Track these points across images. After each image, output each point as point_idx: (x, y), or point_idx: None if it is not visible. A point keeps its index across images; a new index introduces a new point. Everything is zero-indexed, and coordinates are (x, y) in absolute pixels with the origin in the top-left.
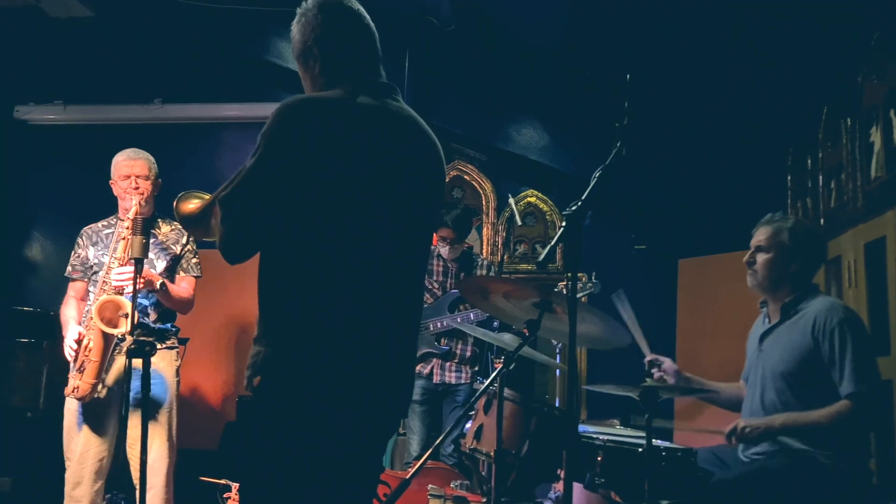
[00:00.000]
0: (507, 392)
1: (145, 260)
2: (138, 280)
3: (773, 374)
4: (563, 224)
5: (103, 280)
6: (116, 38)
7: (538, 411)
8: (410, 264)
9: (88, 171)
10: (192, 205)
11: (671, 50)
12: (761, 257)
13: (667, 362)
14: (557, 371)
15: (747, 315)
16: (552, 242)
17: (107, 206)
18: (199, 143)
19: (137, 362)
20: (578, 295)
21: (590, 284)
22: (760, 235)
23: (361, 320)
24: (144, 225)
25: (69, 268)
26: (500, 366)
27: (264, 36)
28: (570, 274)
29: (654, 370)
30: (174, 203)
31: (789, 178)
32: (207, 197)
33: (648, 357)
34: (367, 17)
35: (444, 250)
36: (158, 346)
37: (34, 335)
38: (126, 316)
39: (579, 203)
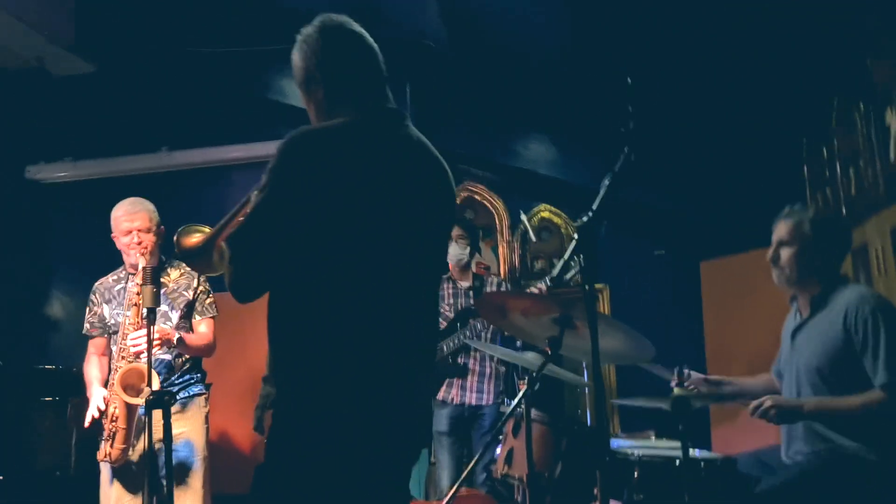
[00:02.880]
0: (534, 413)
1: (160, 314)
2: (154, 339)
3: (808, 369)
4: (576, 236)
5: (121, 346)
6: (119, 90)
7: (568, 431)
8: (424, 295)
9: (102, 225)
10: (193, 239)
11: (675, 48)
12: (785, 252)
13: (693, 375)
14: (585, 388)
15: (775, 313)
16: (565, 256)
17: (121, 258)
18: (207, 187)
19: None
20: (568, 276)
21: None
22: (781, 230)
23: (374, 353)
24: (154, 274)
25: (86, 325)
26: (525, 387)
27: (264, 75)
28: (587, 287)
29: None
30: (175, 237)
31: (806, 169)
32: (208, 230)
33: (674, 381)
34: (370, 38)
35: (454, 256)
36: (182, 396)
37: (59, 393)
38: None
39: (591, 213)
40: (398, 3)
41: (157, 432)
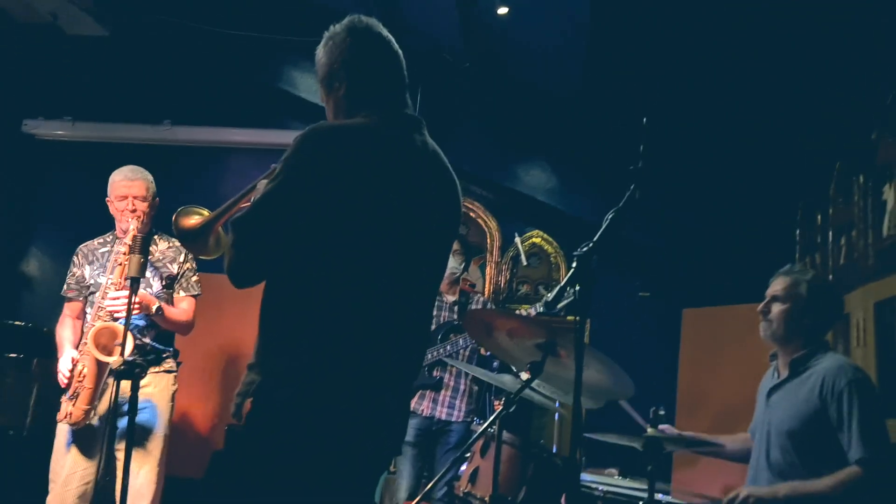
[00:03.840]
0: (505, 435)
1: (141, 282)
2: (133, 302)
3: (779, 431)
4: (574, 265)
5: (98, 305)
6: (129, 58)
7: (537, 457)
8: (420, 303)
9: (92, 189)
10: (192, 220)
11: (686, 96)
12: (777, 307)
13: (666, 427)
14: (556, 415)
15: (751, 369)
16: (562, 283)
17: (109, 224)
18: (205, 167)
19: (127, 388)
20: (560, 305)
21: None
22: (777, 285)
23: (365, 357)
24: (143, 244)
25: (65, 286)
26: (500, 408)
27: (277, 64)
28: (577, 318)
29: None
30: (173, 217)
31: (798, 232)
32: (206, 213)
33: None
34: (395, 44)
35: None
36: (154, 370)
37: (24, 351)
38: (121, 346)
39: (591, 244)
40: (421, 13)
41: (123, 394)
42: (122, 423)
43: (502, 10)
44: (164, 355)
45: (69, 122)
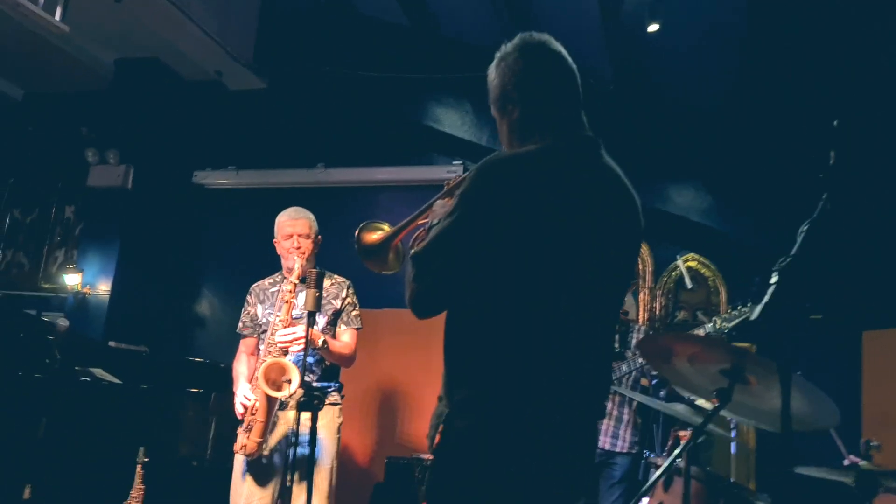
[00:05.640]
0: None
1: (306, 316)
2: (297, 341)
3: None
4: (775, 280)
5: (269, 341)
6: (285, 107)
7: (726, 492)
8: (603, 329)
9: (255, 232)
10: (374, 236)
11: (850, 102)
12: None
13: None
14: (732, 445)
15: None
16: (766, 299)
17: (270, 265)
18: (357, 205)
19: (299, 420)
20: (731, 323)
21: (745, 308)
22: None
23: (549, 386)
24: (317, 279)
25: (240, 324)
26: (687, 438)
27: (421, 102)
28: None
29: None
30: (356, 233)
31: None
32: (387, 228)
33: (849, 459)
34: (569, 59)
35: None
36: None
37: (204, 386)
38: (289, 381)
39: (789, 258)
40: (565, 38)
41: (293, 427)
42: (291, 458)
43: (652, 28)
44: (330, 389)
45: (233, 171)
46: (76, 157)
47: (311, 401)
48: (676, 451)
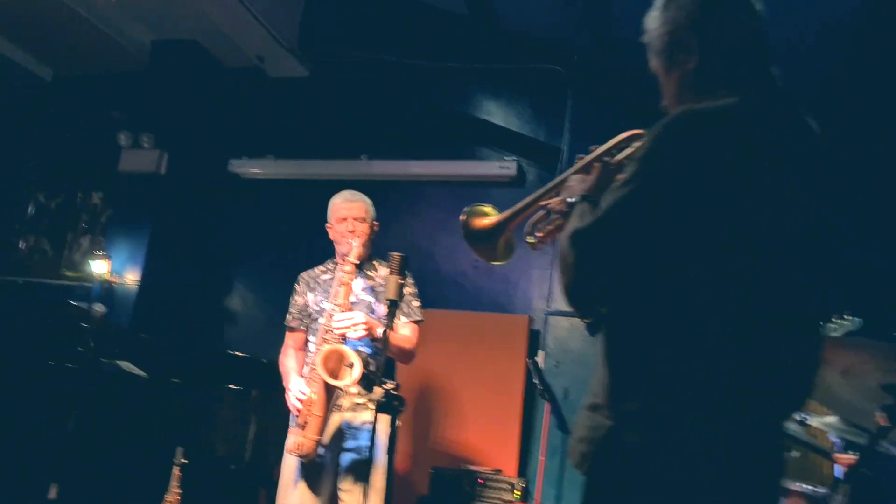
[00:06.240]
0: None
1: (363, 303)
2: (357, 327)
3: None
4: None
5: (325, 328)
6: (328, 96)
7: None
8: (814, 333)
9: (293, 224)
10: (484, 220)
11: None
12: None
13: None
14: (837, 468)
15: None
16: None
17: (307, 258)
18: (401, 199)
19: (354, 418)
20: (834, 334)
21: (846, 320)
22: None
23: (748, 397)
24: (401, 264)
25: (288, 316)
26: (852, 462)
27: (473, 94)
28: None
29: None
30: (462, 217)
31: None
32: (492, 212)
33: None
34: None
35: None
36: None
37: (243, 383)
38: (350, 366)
39: None
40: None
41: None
42: (345, 458)
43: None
44: (388, 387)
45: (272, 160)
46: (106, 141)
47: (390, 402)
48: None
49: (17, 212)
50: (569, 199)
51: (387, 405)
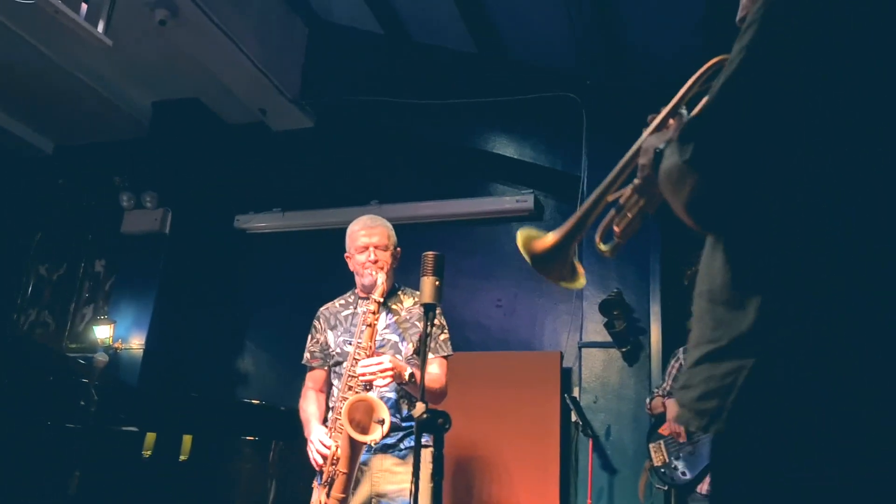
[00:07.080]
0: None
1: (388, 343)
2: (384, 373)
3: None
4: None
5: (349, 374)
6: (334, 144)
7: None
8: None
9: (304, 275)
10: (547, 240)
11: None
12: None
13: None
14: None
15: None
16: None
17: (319, 303)
18: (415, 241)
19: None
20: None
21: None
22: None
23: None
24: (436, 264)
25: (307, 354)
26: None
27: (484, 128)
28: None
29: None
30: (520, 243)
31: None
32: (537, 232)
33: None
34: None
35: None
36: (404, 445)
37: (261, 433)
38: (381, 422)
39: None
40: (658, 59)
41: (378, 484)
42: None
43: None
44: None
45: (279, 213)
46: (108, 207)
47: (434, 419)
48: None
49: (17, 286)
50: (657, 148)
51: (430, 422)
